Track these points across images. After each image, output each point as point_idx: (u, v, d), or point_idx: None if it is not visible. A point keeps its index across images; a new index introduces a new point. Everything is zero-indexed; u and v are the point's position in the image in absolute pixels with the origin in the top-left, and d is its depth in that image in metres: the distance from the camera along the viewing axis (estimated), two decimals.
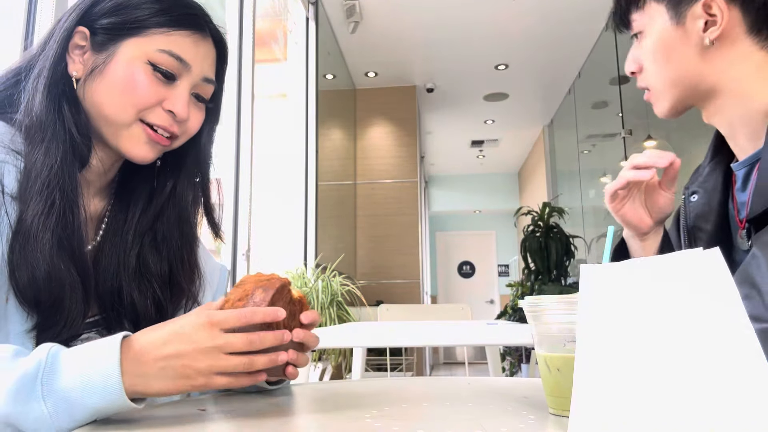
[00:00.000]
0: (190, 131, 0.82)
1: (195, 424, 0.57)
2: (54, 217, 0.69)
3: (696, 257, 0.38)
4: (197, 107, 0.82)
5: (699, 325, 0.37)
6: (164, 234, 0.84)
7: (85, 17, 0.77)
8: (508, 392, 0.72)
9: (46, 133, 0.71)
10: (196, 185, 0.88)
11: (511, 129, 7.69)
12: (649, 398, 0.37)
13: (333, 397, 0.73)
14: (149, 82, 0.75)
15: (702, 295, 0.38)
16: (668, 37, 0.83)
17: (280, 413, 0.63)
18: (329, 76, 4.96)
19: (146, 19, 0.76)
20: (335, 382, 0.91)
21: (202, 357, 0.59)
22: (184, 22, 0.78)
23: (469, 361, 7.27)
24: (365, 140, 6.11)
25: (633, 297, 0.41)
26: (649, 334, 0.39)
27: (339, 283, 3.52)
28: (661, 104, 0.87)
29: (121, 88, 0.75)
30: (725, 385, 0.35)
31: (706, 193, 0.87)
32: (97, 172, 0.81)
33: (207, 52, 0.81)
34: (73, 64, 0.77)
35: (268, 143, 3.68)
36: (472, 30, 4.92)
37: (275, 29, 3.96)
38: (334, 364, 3.49)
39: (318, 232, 4.22)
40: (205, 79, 0.81)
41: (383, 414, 0.58)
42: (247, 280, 0.69)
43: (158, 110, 0.77)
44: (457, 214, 10.40)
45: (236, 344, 0.60)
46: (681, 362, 0.37)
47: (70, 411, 0.55)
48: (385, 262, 5.81)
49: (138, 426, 0.56)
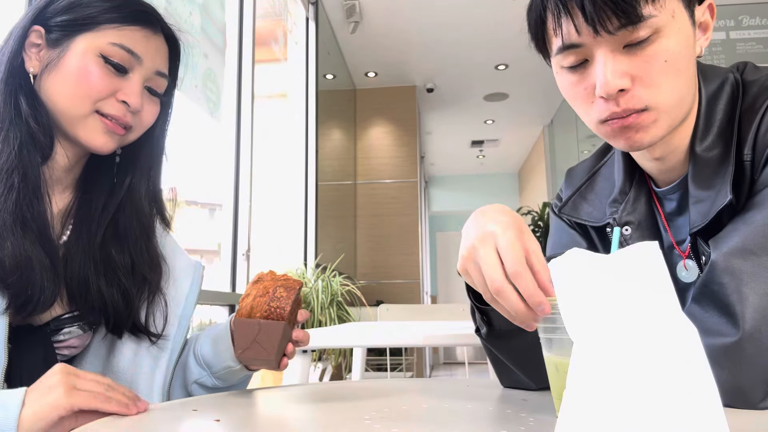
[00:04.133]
0: (144, 123, 0.85)
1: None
2: (14, 199, 0.72)
3: (641, 250, 0.42)
4: (151, 100, 0.86)
5: (643, 316, 0.41)
6: (124, 226, 0.87)
7: (39, 16, 0.81)
8: (507, 394, 0.72)
9: (3, 123, 0.75)
10: (150, 178, 0.91)
11: (511, 129, 7.69)
12: (615, 394, 0.38)
13: (333, 397, 0.73)
14: (101, 73, 0.79)
15: (645, 287, 0.42)
16: (689, 41, 0.69)
17: (279, 413, 0.63)
18: (329, 76, 4.96)
19: (98, 15, 0.80)
20: (335, 382, 0.91)
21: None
22: (135, 18, 0.82)
23: (469, 362, 7.26)
24: (365, 140, 6.11)
25: (593, 292, 0.43)
26: (607, 327, 0.41)
27: (339, 283, 3.51)
28: (657, 129, 0.69)
29: (74, 79, 0.78)
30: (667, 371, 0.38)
31: (638, 226, 0.79)
32: (63, 168, 0.83)
33: (158, 47, 0.85)
34: (29, 61, 0.80)
35: (268, 143, 3.68)
36: (472, 30, 4.91)
37: (275, 29, 3.96)
38: (334, 364, 3.49)
39: (318, 232, 4.22)
40: (157, 72, 0.85)
41: (383, 415, 0.58)
42: (265, 277, 0.74)
43: (112, 101, 0.80)
44: (457, 214, 10.39)
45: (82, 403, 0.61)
46: (631, 352, 0.39)
47: None
48: (385, 262, 5.81)
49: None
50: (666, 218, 0.80)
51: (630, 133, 0.69)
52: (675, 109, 0.70)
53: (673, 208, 0.79)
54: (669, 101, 0.68)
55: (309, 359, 1.69)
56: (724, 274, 0.61)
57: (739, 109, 0.71)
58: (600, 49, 0.67)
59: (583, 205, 0.88)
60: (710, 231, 0.68)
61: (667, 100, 0.68)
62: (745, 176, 0.68)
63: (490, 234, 0.60)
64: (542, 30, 0.73)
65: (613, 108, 0.68)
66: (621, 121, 0.69)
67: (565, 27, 0.68)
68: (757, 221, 0.63)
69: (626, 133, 0.70)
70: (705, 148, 0.71)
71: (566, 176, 0.95)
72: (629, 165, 0.82)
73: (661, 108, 0.68)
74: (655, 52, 0.66)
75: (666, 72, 0.67)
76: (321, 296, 3.32)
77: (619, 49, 0.67)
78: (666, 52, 0.67)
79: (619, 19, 0.65)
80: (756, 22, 4.14)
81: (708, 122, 0.72)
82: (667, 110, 0.69)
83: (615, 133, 0.71)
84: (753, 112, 0.69)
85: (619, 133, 0.70)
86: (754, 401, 0.57)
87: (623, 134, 0.70)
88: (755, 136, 0.68)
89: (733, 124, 0.71)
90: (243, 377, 0.88)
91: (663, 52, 0.67)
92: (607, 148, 0.91)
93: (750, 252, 0.61)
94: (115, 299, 0.84)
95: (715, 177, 0.70)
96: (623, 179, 0.82)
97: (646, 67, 0.67)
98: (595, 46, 0.67)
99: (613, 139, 0.72)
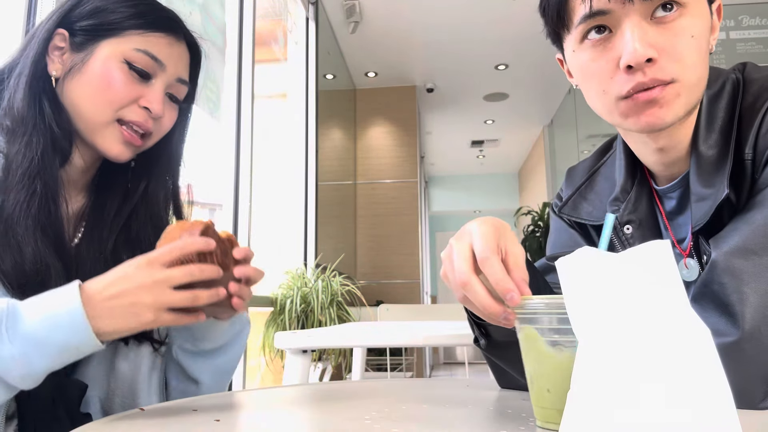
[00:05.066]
0: (163, 129, 0.85)
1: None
2: (36, 205, 0.72)
3: (652, 249, 0.42)
4: (171, 106, 0.86)
5: (654, 316, 0.40)
6: (137, 231, 0.87)
7: (64, 20, 0.80)
8: (507, 395, 0.72)
9: (27, 127, 0.74)
10: (167, 184, 0.91)
11: (511, 129, 7.69)
12: (625, 388, 0.38)
13: (333, 397, 0.73)
14: (126, 79, 0.78)
15: (655, 287, 0.41)
16: (708, 27, 0.70)
17: (279, 413, 0.63)
18: (329, 76, 4.96)
19: (123, 21, 0.80)
20: (335, 382, 0.91)
21: (146, 293, 0.63)
22: (159, 25, 0.82)
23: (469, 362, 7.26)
24: (365, 140, 6.11)
25: (601, 290, 0.43)
26: (616, 326, 0.41)
27: (339, 283, 3.51)
28: (679, 105, 0.68)
29: (96, 85, 0.78)
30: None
31: (640, 225, 0.79)
32: (78, 170, 0.83)
33: (181, 54, 0.85)
34: (52, 64, 0.79)
35: (268, 143, 3.68)
36: (472, 30, 4.91)
37: (275, 29, 3.96)
38: (334, 364, 3.49)
39: (318, 232, 4.22)
40: (179, 79, 0.85)
41: (382, 416, 0.58)
42: (171, 229, 0.73)
43: (134, 107, 0.80)
44: (457, 214, 10.39)
45: (177, 276, 0.64)
46: (641, 352, 0.39)
47: (39, 350, 0.59)
48: (385, 262, 5.81)
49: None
50: (666, 217, 0.80)
51: (653, 109, 0.68)
52: (696, 87, 0.69)
53: (673, 207, 0.79)
54: (693, 77, 0.68)
55: (309, 359, 1.69)
56: (724, 274, 0.61)
57: (739, 107, 0.71)
58: (628, 18, 0.66)
59: (583, 205, 0.88)
60: (712, 229, 0.68)
61: (692, 76, 0.68)
62: (746, 175, 0.68)
63: (467, 232, 0.59)
64: (564, 2, 0.72)
65: (640, 78, 0.66)
66: (647, 93, 0.67)
67: None
68: (758, 221, 0.63)
69: (649, 109, 0.68)
70: (707, 147, 0.71)
71: (566, 176, 0.95)
72: (631, 163, 0.82)
73: (686, 82, 0.67)
74: (682, 27, 0.66)
75: (692, 48, 0.67)
76: (321, 296, 3.31)
77: (647, 19, 0.66)
78: (693, 27, 0.67)
79: None
80: (756, 22, 4.15)
81: (710, 121, 0.73)
82: (691, 86, 0.68)
83: (638, 108, 0.69)
84: (754, 112, 0.69)
85: (642, 107, 0.68)
86: (754, 401, 0.57)
87: (646, 109, 0.68)
88: (756, 136, 0.68)
89: (734, 122, 0.71)
90: (222, 333, 0.83)
91: (690, 27, 0.67)
92: (606, 148, 0.91)
93: (750, 251, 0.61)
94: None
95: (716, 175, 0.70)
96: (625, 178, 0.81)
97: (674, 40, 0.66)
98: (623, 14, 0.67)
99: (633, 117, 0.70)
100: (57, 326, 0.60)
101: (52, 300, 0.62)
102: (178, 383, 0.87)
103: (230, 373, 0.89)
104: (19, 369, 0.59)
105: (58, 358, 0.61)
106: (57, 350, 0.60)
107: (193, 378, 0.85)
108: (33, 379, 0.61)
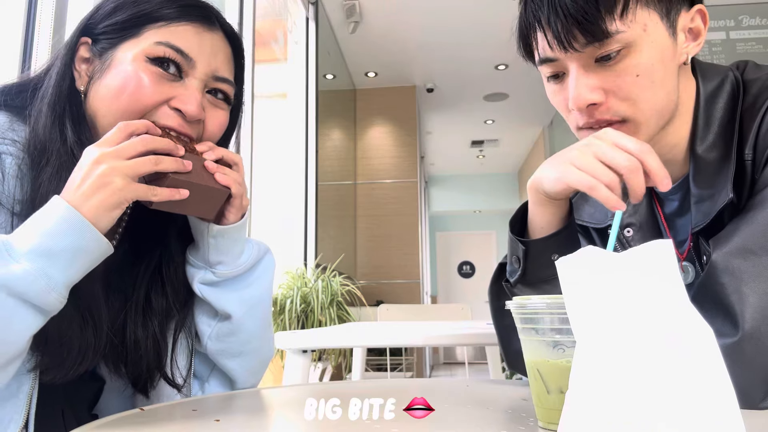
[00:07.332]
0: (210, 133, 0.74)
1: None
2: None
3: (654, 249, 0.42)
4: (216, 106, 0.75)
5: (656, 317, 0.40)
6: (168, 269, 0.80)
7: (87, 26, 0.74)
8: (507, 395, 0.72)
9: (50, 157, 0.68)
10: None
11: (511, 129, 7.69)
12: (629, 393, 0.38)
13: (333, 397, 0.73)
14: (149, 79, 0.69)
15: (657, 287, 0.40)
16: (666, 52, 0.69)
17: (279, 413, 0.63)
18: (329, 76, 4.96)
19: (151, 12, 0.71)
20: (335, 382, 0.91)
21: (104, 163, 0.61)
22: (184, 14, 0.72)
23: (469, 362, 7.26)
24: (365, 140, 6.11)
25: (603, 290, 0.42)
26: (617, 326, 0.40)
27: (339, 283, 3.51)
28: (641, 134, 0.71)
29: (115, 90, 0.69)
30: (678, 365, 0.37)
31: (640, 227, 0.79)
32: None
33: (216, 45, 0.74)
34: (79, 79, 0.73)
35: (268, 143, 3.67)
36: (472, 30, 4.91)
37: (275, 29, 3.96)
38: (334, 364, 3.49)
39: (318, 232, 4.22)
40: (216, 77, 0.74)
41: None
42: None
43: (164, 109, 0.70)
44: (457, 214, 10.39)
45: (133, 144, 0.63)
46: (643, 352, 0.38)
47: (52, 260, 0.58)
48: (385, 262, 5.80)
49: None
50: (666, 219, 0.80)
51: None
52: (653, 120, 0.70)
53: (673, 209, 0.79)
54: (646, 113, 0.69)
55: (309, 359, 1.69)
56: (724, 274, 0.61)
57: (739, 108, 0.71)
58: (572, 64, 0.70)
59: (584, 207, 0.88)
60: (712, 231, 0.68)
61: (644, 112, 0.69)
62: (746, 176, 0.68)
63: (592, 142, 0.64)
64: (527, 42, 0.76)
65: (587, 118, 0.71)
66: (593, 131, 0.70)
67: (540, 42, 0.72)
68: (758, 221, 0.63)
69: None
70: (706, 148, 0.71)
71: None
72: None
73: (639, 120, 0.70)
74: (626, 67, 0.67)
75: (639, 86, 0.68)
76: (321, 296, 3.31)
77: (590, 63, 0.69)
78: (637, 66, 0.67)
79: (585, 37, 0.66)
80: (756, 22, 4.14)
81: (707, 121, 0.72)
82: (645, 121, 0.70)
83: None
84: (754, 112, 0.69)
85: None
86: (754, 401, 0.57)
87: None
88: (756, 136, 0.68)
89: (734, 123, 0.71)
90: (235, 255, 0.78)
91: (634, 67, 0.67)
92: None
93: (750, 252, 0.61)
94: (148, 351, 0.77)
95: (717, 176, 0.70)
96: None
97: (618, 81, 0.68)
98: (567, 60, 0.70)
99: None
100: (58, 234, 0.58)
101: (40, 216, 0.59)
102: (211, 329, 0.79)
103: (260, 306, 0.81)
104: (38, 283, 0.56)
105: (74, 265, 0.59)
106: (70, 256, 0.58)
107: (223, 313, 0.78)
108: (57, 293, 0.58)
